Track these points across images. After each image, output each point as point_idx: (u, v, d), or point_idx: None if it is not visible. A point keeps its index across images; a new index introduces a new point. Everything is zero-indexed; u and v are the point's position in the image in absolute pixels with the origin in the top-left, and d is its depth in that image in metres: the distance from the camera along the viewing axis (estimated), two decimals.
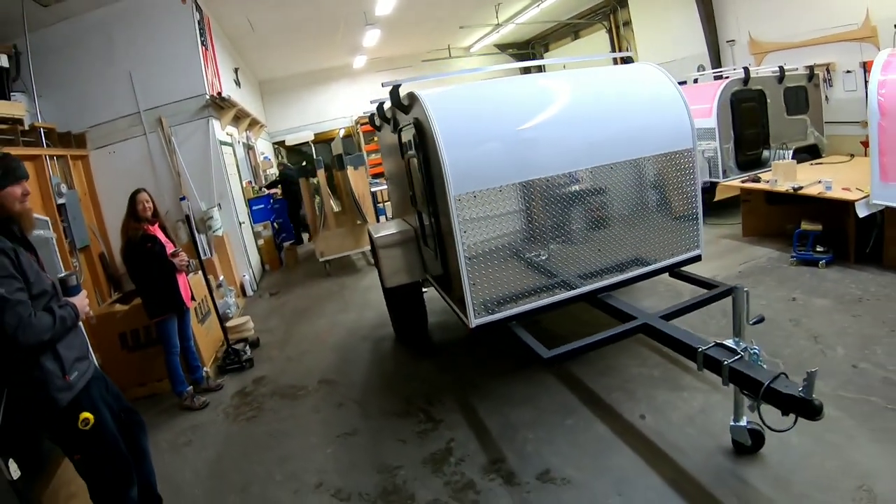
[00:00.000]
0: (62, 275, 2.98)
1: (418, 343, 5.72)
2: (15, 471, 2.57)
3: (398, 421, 4.28)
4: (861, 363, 3.99)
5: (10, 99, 7.05)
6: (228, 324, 6.83)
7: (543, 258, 4.07)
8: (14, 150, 6.28)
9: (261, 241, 11.18)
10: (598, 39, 17.03)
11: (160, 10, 8.44)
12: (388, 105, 4.87)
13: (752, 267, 6.41)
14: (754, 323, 3.23)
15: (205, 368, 5.76)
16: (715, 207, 8.33)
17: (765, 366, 2.76)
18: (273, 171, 15.43)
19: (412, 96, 4.07)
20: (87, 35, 8.25)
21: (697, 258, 4.60)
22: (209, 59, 9.30)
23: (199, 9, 8.96)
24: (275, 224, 11.63)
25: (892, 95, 5.34)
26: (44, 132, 7.32)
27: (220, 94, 9.16)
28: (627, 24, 15.55)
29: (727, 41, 11.85)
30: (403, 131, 4.57)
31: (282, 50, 14.82)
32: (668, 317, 3.69)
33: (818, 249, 6.11)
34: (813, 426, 2.93)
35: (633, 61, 5.04)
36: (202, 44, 8.94)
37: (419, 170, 4.14)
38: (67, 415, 2.72)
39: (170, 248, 5.18)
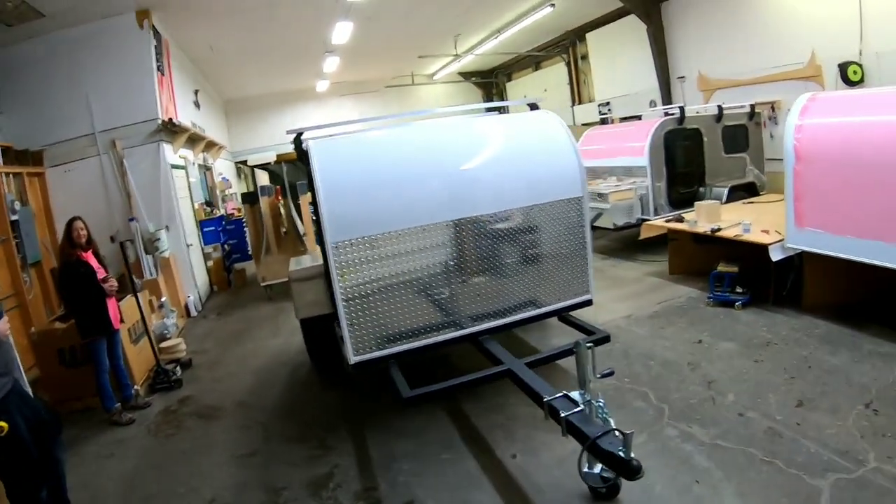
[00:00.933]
0: None
1: (329, 371, 6.06)
2: None
3: (294, 445, 4.71)
4: (749, 412, 4.09)
5: None
6: (162, 345, 7.22)
7: (427, 301, 4.41)
8: None
9: (210, 263, 11.52)
10: (558, 71, 17.81)
11: (119, 35, 8.92)
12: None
13: (668, 307, 6.60)
14: (602, 376, 3.34)
15: (135, 387, 6.14)
16: (648, 245, 8.55)
17: (612, 420, 3.00)
18: (232, 192, 15.77)
19: (306, 145, 4.43)
20: (50, 56, 8.72)
21: (588, 303, 4.92)
22: (164, 84, 9.77)
23: (157, 34, 9.44)
24: (225, 245, 11.96)
25: (808, 140, 5.40)
26: (1, 150, 7.69)
27: (171, 120, 9.59)
28: (585, 57, 16.34)
29: (678, 77, 12.44)
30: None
31: (246, 72, 15.32)
32: (532, 364, 4.09)
33: (737, 290, 6.22)
34: (682, 475, 3.39)
35: (538, 107, 5.34)
36: (158, 69, 9.41)
37: (311, 212, 4.55)
38: None
39: (101, 274, 5.61)
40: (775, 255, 5.83)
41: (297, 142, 4.66)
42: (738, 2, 10.62)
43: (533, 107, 5.39)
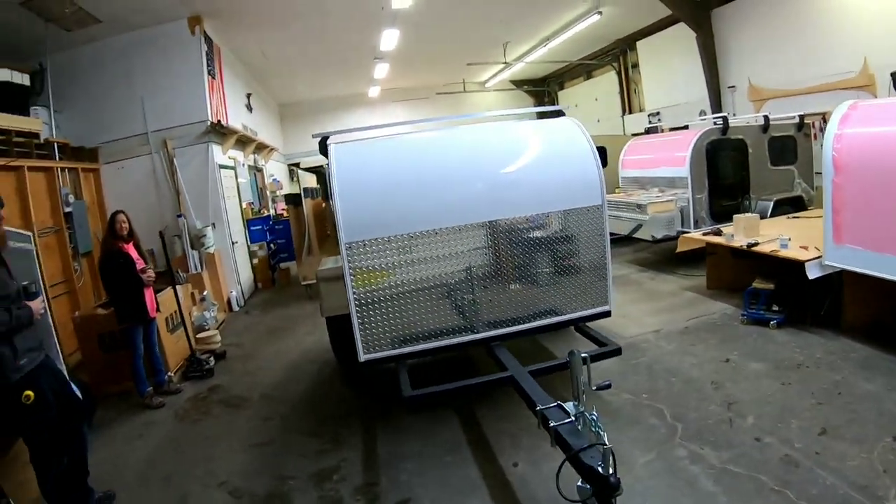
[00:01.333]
0: (25, 283, 3.79)
1: (351, 369, 6.12)
2: None
3: (308, 438, 4.83)
4: (767, 436, 3.88)
5: (29, 114, 7.95)
6: (198, 335, 7.49)
7: (439, 304, 4.41)
8: (28, 162, 7.18)
9: (255, 260, 11.86)
10: (609, 80, 17.60)
11: (172, 41, 9.35)
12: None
13: (701, 322, 6.36)
14: (598, 388, 3.24)
15: (169, 373, 6.41)
16: (688, 258, 8.30)
17: (604, 434, 2.87)
18: (283, 193, 16.18)
19: (328, 146, 4.55)
20: (106, 59, 9.22)
21: (606, 314, 4.76)
22: (215, 88, 10.15)
23: (208, 40, 9.84)
24: (272, 245, 12.27)
25: (848, 151, 5.09)
26: (58, 146, 8.17)
27: (220, 122, 9.96)
28: (636, 66, 16.13)
29: (728, 87, 12.14)
30: None
31: (298, 77, 15.73)
32: (537, 373, 4.05)
33: (773, 309, 5.95)
34: (684, 499, 3.28)
35: (563, 115, 5.28)
36: (209, 73, 9.81)
37: (330, 214, 4.58)
38: (14, 391, 3.44)
39: (140, 265, 5.89)
40: (812, 273, 5.52)
41: (323, 145, 4.76)
42: (790, 10, 10.32)
43: (559, 114, 5.37)
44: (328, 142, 4.75)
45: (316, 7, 10.22)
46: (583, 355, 3.08)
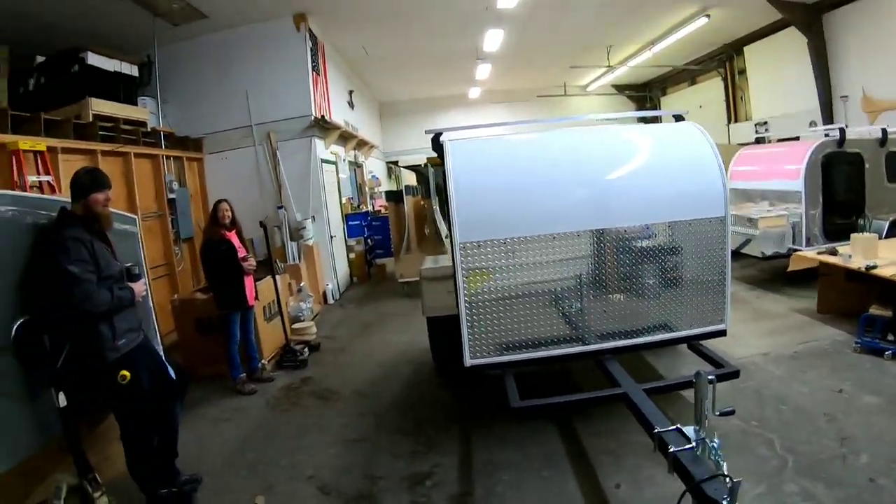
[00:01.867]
0: (128, 265, 3.79)
1: (449, 372, 5.89)
2: (62, 401, 3.24)
3: (402, 438, 4.59)
4: (882, 478, 3.52)
5: (137, 104, 8.33)
6: (294, 326, 7.49)
7: (551, 312, 4.18)
8: (134, 149, 7.44)
9: (352, 255, 11.90)
10: (714, 86, 16.62)
11: (276, 37, 9.50)
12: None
13: (811, 348, 5.81)
14: (721, 414, 2.96)
15: (262, 361, 6.39)
16: (798, 278, 7.61)
17: (725, 465, 2.61)
18: (381, 189, 16.33)
19: (443, 143, 4.39)
20: (211, 53, 9.51)
21: (721, 333, 4.40)
22: (319, 84, 10.23)
23: (312, 36, 9.92)
24: (369, 240, 12.31)
25: None
26: (164, 135, 8.47)
27: (323, 117, 10.02)
28: (743, 72, 15.09)
29: (840, 96, 11.21)
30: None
31: (399, 75, 15.75)
32: (652, 391, 3.71)
33: (889, 338, 5.38)
34: None
35: (683, 119, 4.96)
36: (313, 69, 9.88)
37: (445, 214, 4.47)
38: (111, 370, 3.42)
39: (241, 253, 5.89)
40: None
41: (436, 142, 4.65)
42: None
43: (678, 118, 5.00)
44: (442, 138, 4.61)
45: (420, 5, 10.13)
46: (709, 377, 2.80)
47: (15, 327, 3.19)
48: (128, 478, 3.69)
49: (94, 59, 7.42)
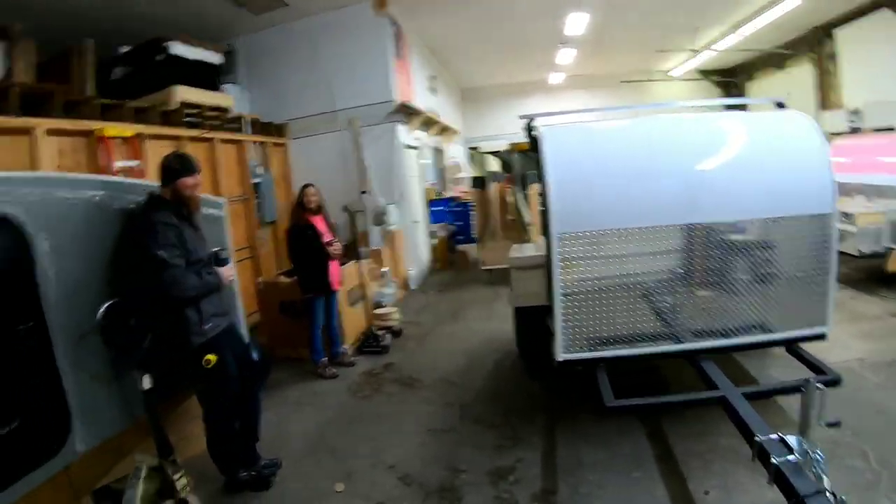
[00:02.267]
0: (216, 249, 3.82)
1: (535, 364, 5.66)
2: (147, 383, 3.30)
3: (487, 430, 4.44)
4: None
5: (221, 91, 8.52)
6: (377, 311, 7.45)
7: (646, 308, 3.98)
8: (219, 135, 7.60)
9: (435, 241, 11.85)
10: (803, 72, 15.25)
11: (358, 23, 9.41)
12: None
13: None
14: (828, 425, 2.80)
15: (344, 346, 6.38)
16: (892, 279, 7.23)
17: (825, 478, 2.48)
18: (462, 175, 16.19)
19: (536, 128, 4.20)
20: (293, 40, 9.56)
21: (821, 336, 4.09)
22: (401, 69, 10.12)
23: (394, 21, 9.81)
24: (451, 226, 12.20)
25: None
26: (248, 121, 8.64)
27: (406, 103, 9.92)
28: (833, 56, 13.79)
29: None
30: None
31: (480, 61, 15.44)
32: (751, 396, 3.46)
33: None
34: None
35: (785, 107, 4.60)
36: (396, 54, 9.78)
37: (539, 202, 4.29)
38: (197, 353, 3.46)
39: (326, 238, 5.89)
40: None
41: (529, 128, 4.50)
42: None
43: (780, 106, 4.60)
44: (534, 123, 4.47)
45: None
46: (819, 386, 2.68)
47: (102, 310, 3.25)
48: (207, 458, 3.76)
49: (178, 49, 7.61)
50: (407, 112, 10.05)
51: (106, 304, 3.26)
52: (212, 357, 3.48)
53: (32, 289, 2.91)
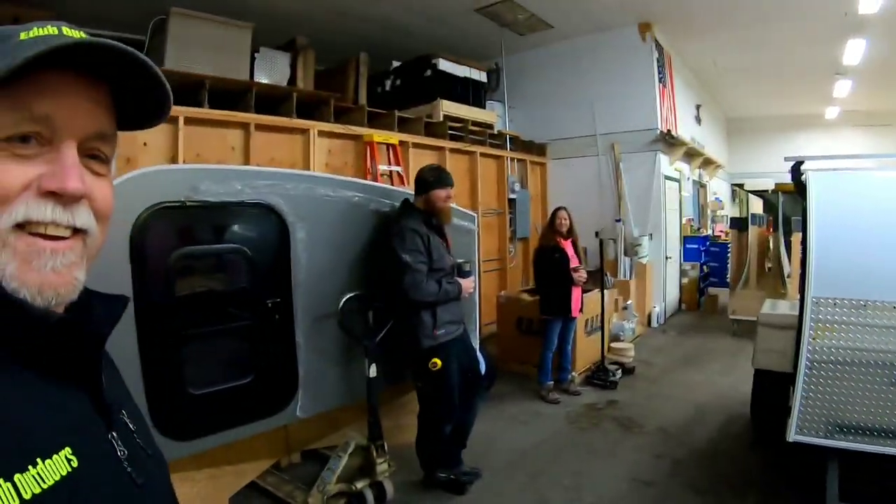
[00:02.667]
0: (460, 261, 4.02)
1: (766, 436, 4.95)
2: (373, 372, 3.66)
3: (691, 494, 4.01)
4: None
5: (485, 107, 9.02)
6: (612, 344, 7.21)
7: None
8: (480, 149, 8.12)
9: (685, 280, 11.12)
10: None
11: (622, 47, 9.27)
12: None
13: None
14: None
15: (573, 373, 6.30)
16: None
17: None
18: (723, 213, 14.95)
19: (804, 172, 3.72)
20: (557, 62, 9.74)
21: None
22: (665, 96, 9.72)
23: (658, 46, 9.45)
24: (704, 266, 11.37)
25: None
26: (509, 138, 9.07)
27: (669, 131, 9.47)
28: None
29: None
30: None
31: (747, 90, 14.13)
32: None
33: None
34: None
35: None
36: (660, 80, 9.42)
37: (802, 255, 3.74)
38: (424, 355, 3.70)
39: (573, 263, 5.89)
40: None
41: (796, 171, 3.99)
42: None
43: None
44: (803, 167, 3.94)
45: (773, 14, 8.80)
46: None
47: (344, 299, 3.66)
48: (413, 450, 3.97)
49: (445, 65, 8.23)
50: (669, 141, 9.58)
51: (348, 295, 3.68)
52: (438, 361, 3.68)
53: (286, 270, 3.43)
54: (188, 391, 3.03)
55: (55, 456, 0.59)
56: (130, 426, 0.76)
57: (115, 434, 0.70)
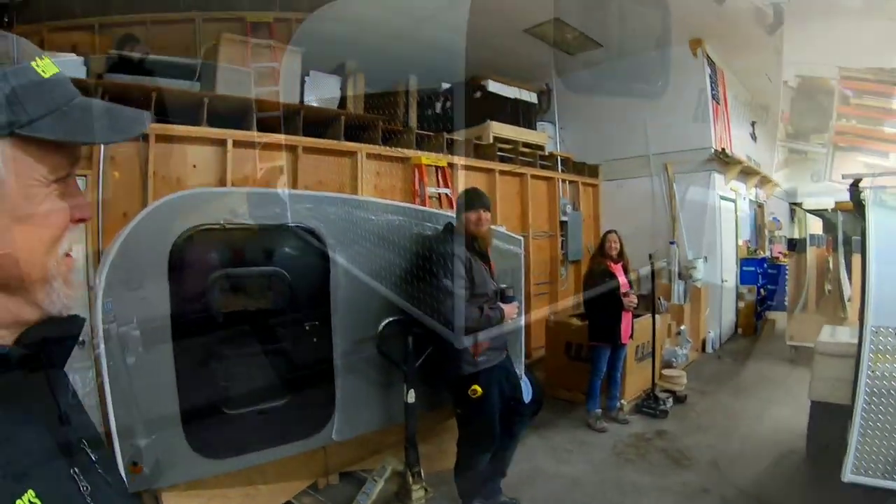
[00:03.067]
0: (503, 286, 3.91)
1: (825, 474, 4.64)
2: (411, 398, 3.63)
3: None
4: None
5: (535, 129, 8.97)
6: (664, 371, 6.98)
7: None
8: (531, 171, 8.03)
9: (741, 304, 10.68)
10: None
11: (673, 64, 8.95)
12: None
13: None
14: None
15: (622, 401, 6.10)
16: None
17: None
18: (781, 234, 14.43)
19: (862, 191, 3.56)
20: (606, 82, 9.45)
21: None
22: (718, 114, 9.45)
23: (710, 63, 9.21)
24: (761, 290, 10.93)
25: None
26: (561, 159, 8.96)
27: (723, 150, 9.20)
28: None
29: None
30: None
31: None
32: None
33: None
34: None
35: None
36: (713, 98, 9.17)
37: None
38: (464, 381, 3.60)
39: (624, 288, 5.73)
40: None
41: (854, 189, 3.84)
42: None
43: None
44: (861, 185, 3.80)
45: None
46: None
47: (383, 324, 3.64)
48: (451, 475, 3.86)
49: (494, 87, 8.25)
50: (724, 161, 9.31)
51: (387, 320, 3.65)
52: (478, 388, 3.58)
53: (325, 293, 3.45)
54: (222, 410, 3.06)
55: (18, 502, 0.60)
56: (92, 456, 0.76)
57: (76, 470, 0.71)
